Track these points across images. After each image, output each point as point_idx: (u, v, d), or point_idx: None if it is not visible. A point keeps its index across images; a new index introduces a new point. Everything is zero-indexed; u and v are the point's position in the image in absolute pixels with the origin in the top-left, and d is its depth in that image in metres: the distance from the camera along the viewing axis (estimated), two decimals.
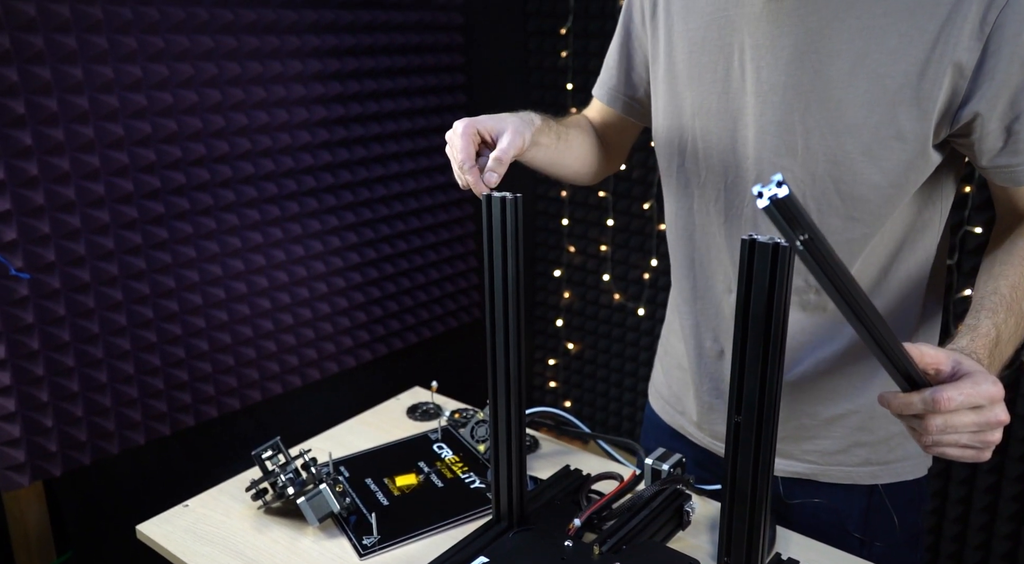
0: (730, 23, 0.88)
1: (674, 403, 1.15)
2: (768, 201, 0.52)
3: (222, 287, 1.80)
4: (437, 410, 1.28)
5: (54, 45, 1.43)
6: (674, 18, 0.96)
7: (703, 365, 1.06)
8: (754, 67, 0.86)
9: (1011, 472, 1.77)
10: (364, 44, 1.98)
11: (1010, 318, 0.78)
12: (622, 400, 2.58)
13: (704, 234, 1.00)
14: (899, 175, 0.83)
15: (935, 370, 0.68)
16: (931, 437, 0.67)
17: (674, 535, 0.93)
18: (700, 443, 1.11)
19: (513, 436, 0.88)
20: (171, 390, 1.75)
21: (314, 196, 1.96)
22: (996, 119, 0.78)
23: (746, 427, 0.67)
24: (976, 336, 0.75)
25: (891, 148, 0.81)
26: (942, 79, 0.77)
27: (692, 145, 0.97)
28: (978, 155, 0.82)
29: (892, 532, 1.00)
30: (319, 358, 2.06)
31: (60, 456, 1.59)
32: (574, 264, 2.56)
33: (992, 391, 0.66)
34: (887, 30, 0.78)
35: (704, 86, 0.93)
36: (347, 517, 0.99)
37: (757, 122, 0.88)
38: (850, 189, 0.85)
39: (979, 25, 0.74)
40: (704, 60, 0.92)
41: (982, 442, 0.67)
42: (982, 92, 0.76)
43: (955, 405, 0.65)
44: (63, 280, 1.52)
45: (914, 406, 0.66)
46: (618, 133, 1.16)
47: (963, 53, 0.75)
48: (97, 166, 1.52)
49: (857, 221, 0.87)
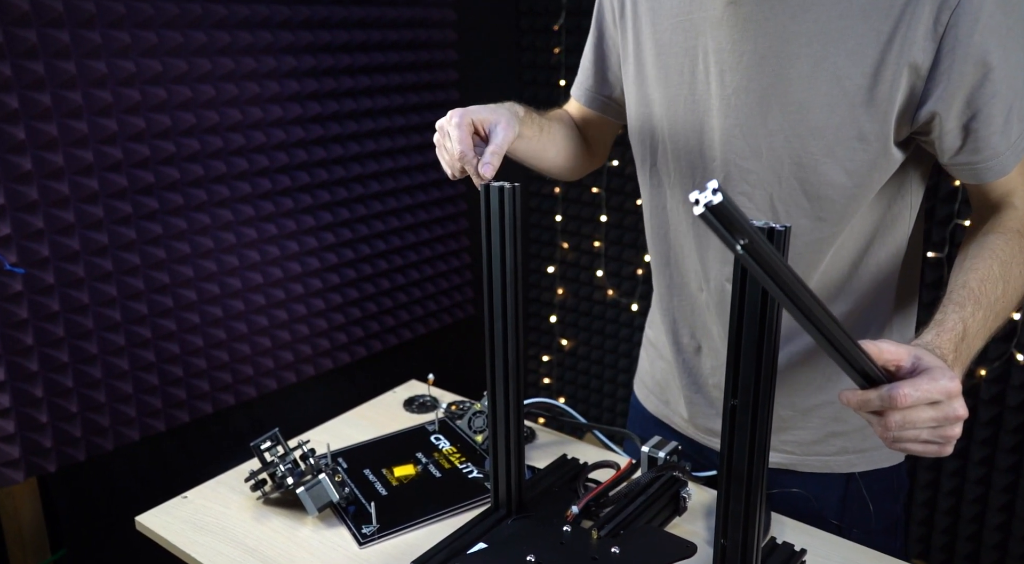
0: (694, 26, 0.89)
1: (658, 393, 1.17)
2: (704, 208, 0.51)
3: (216, 283, 1.80)
4: (434, 402, 1.29)
5: (47, 39, 1.43)
6: (641, 20, 0.97)
7: (682, 359, 1.07)
8: (718, 70, 0.87)
9: (1001, 463, 1.79)
10: (357, 40, 1.98)
11: (978, 312, 0.78)
12: (616, 396, 2.60)
13: (676, 233, 1.01)
14: (863, 175, 0.84)
15: (895, 366, 0.68)
16: (891, 433, 0.67)
17: (670, 521, 0.94)
18: (684, 432, 1.13)
19: (511, 423, 0.89)
20: (165, 386, 1.75)
21: (308, 193, 1.97)
22: (954, 118, 0.79)
23: (742, 410, 0.68)
24: (942, 330, 0.75)
25: (853, 148, 0.82)
26: (899, 80, 0.78)
27: (662, 145, 0.98)
28: (939, 153, 0.83)
29: (868, 519, 1.02)
30: (314, 354, 2.07)
31: (55, 452, 1.58)
32: (568, 260, 2.57)
33: (949, 387, 0.66)
34: (844, 32, 0.79)
35: (671, 88, 0.94)
36: (346, 507, 0.99)
37: (722, 125, 0.89)
38: (816, 190, 0.86)
39: (932, 25, 0.75)
40: (671, 62, 0.93)
41: (942, 437, 0.68)
42: (939, 92, 0.77)
43: (911, 401, 0.65)
44: (57, 275, 1.52)
45: (871, 403, 0.66)
46: (597, 130, 1.17)
47: (918, 54, 0.76)
48: (91, 161, 1.52)
49: (824, 221, 0.88)
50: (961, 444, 1.83)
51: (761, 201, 0.90)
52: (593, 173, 2.41)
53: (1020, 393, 1.74)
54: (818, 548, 0.89)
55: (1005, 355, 1.73)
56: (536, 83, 2.47)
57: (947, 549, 1.94)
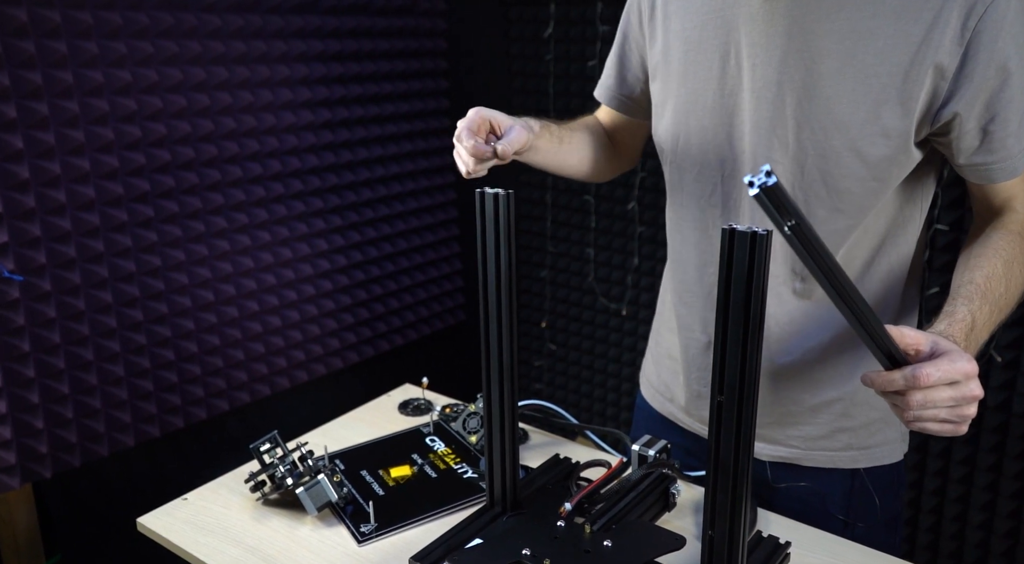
0: (726, 23, 0.93)
1: (663, 391, 1.19)
2: (758, 189, 0.56)
3: (211, 290, 1.82)
4: (428, 405, 1.31)
5: (44, 50, 1.45)
6: (671, 18, 1.00)
7: (692, 355, 1.10)
8: (750, 65, 0.91)
9: (1009, 470, 1.81)
10: (349, 50, 2.01)
11: (984, 305, 0.83)
12: (606, 400, 2.62)
13: (696, 227, 1.04)
14: (883, 169, 0.88)
15: (915, 350, 0.73)
16: (912, 412, 0.72)
17: (661, 516, 0.97)
18: (689, 429, 1.15)
19: (506, 423, 0.92)
20: (161, 392, 1.76)
21: (301, 200, 1.99)
22: (973, 119, 0.83)
23: (728, 407, 0.71)
24: (953, 321, 0.80)
25: (876, 144, 0.86)
26: (924, 80, 0.82)
27: (687, 140, 1.01)
28: (955, 153, 0.87)
29: (873, 514, 1.05)
30: (307, 360, 2.09)
31: (50, 458, 1.59)
32: (557, 266, 2.60)
33: (967, 368, 0.71)
34: (874, 32, 0.83)
35: (700, 83, 0.97)
36: (344, 507, 1.01)
37: (752, 118, 0.92)
38: (836, 182, 0.89)
39: (960, 31, 0.79)
40: (701, 58, 0.96)
41: (959, 416, 0.72)
42: (961, 93, 0.81)
43: (933, 380, 0.70)
44: (54, 282, 1.54)
45: (896, 383, 0.71)
46: (625, 132, 1.21)
47: (944, 56, 0.80)
48: (87, 169, 1.54)
49: (841, 212, 0.91)
50: (945, 443, 1.87)
51: None
52: None
53: (999, 394, 1.78)
54: (803, 542, 0.92)
55: (985, 356, 1.77)
56: (526, 91, 2.50)
57: (955, 557, 1.96)
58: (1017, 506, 1.81)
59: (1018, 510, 1.81)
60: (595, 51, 2.27)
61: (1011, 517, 1.83)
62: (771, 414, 1.04)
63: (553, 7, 2.34)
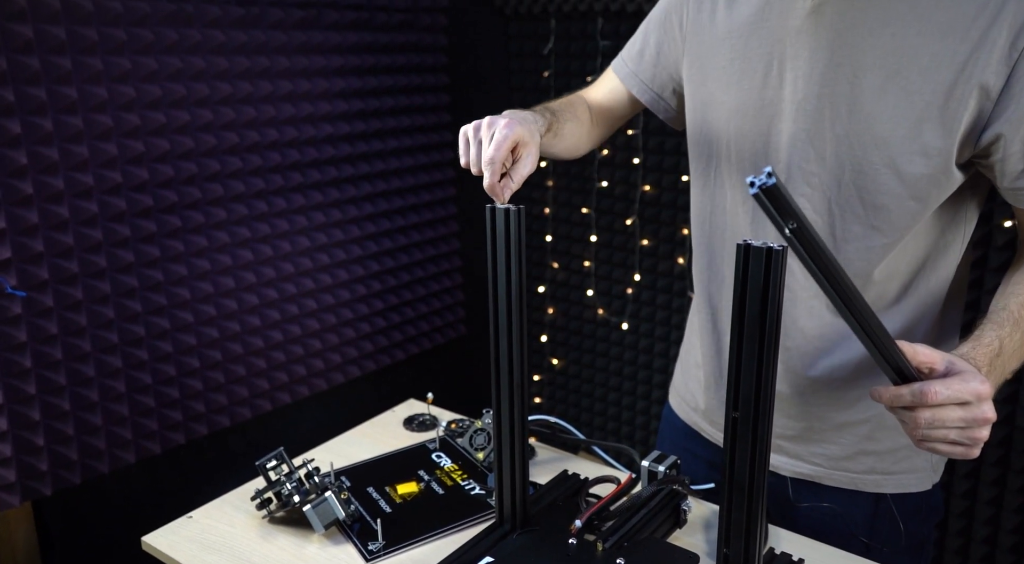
0: (771, 34, 0.93)
1: (689, 400, 1.19)
2: (757, 189, 0.55)
3: (213, 304, 1.81)
4: (433, 421, 1.30)
5: (49, 66, 1.45)
6: (718, 26, 1.00)
7: (719, 363, 1.09)
8: (792, 76, 0.91)
9: (1013, 485, 1.80)
10: (351, 65, 2.02)
11: (1015, 333, 0.81)
12: (607, 415, 2.61)
13: (734, 232, 1.03)
14: (921, 188, 0.87)
15: (928, 368, 0.71)
16: (920, 430, 0.70)
17: (671, 533, 0.96)
18: (712, 439, 1.15)
19: (516, 439, 0.91)
20: (162, 408, 1.75)
21: (303, 214, 1.99)
22: (1019, 141, 0.81)
23: (743, 422, 0.71)
24: (978, 344, 0.78)
25: (915, 162, 0.85)
26: (968, 100, 0.81)
27: (727, 146, 1.01)
28: (999, 176, 0.86)
29: (898, 539, 1.03)
30: (308, 374, 2.08)
31: (50, 475, 1.58)
32: (557, 280, 2.60)
33: (979, 389, 0.69)
34: (919, 50, 0.82)
35: (743, 91, 0.97)
36: (351, 524, 1.01)
37: (791, 128, 0.92)
38: (873, 198, 0.89)
39: (1008, 50, 0.78)
40: (744, 66, 0.96)
41: (970, 438, 0.70)
42: (1007, 115, 0.80)
43: (942, 399, 0.68)
44: (56, 298, 1.53)
45: (903, 398, 0.70)
46: (621, 114, 1.21)
47: (991, 76, 0.79)
48: (91, 184, 1.53)
49: (877, 230, 0.90)
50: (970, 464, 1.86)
51: (819, 204, 0.92)
52: (583, 193, 2.45)
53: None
54: (816, 560, 0.92)
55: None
56: (526, 104, 2.49)
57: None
58: (1020, 521, 1.80)
59: (1021, 525, 1.80)
60: (595, 66, 2.28)
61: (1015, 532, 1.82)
62: (794, 428, 1.03)
63: (553, 23, 2.35)
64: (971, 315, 1.61)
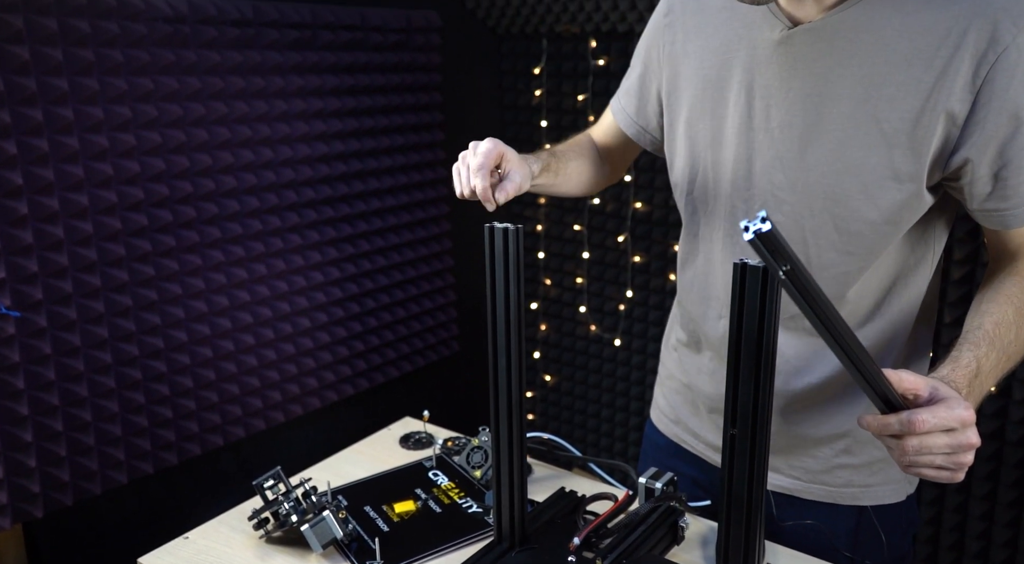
0: (742, 63, 0.95)
1: (669, 413, 1.21)
2: (753, 235, 0.57)
3: (207, 324, 1.81)
4: (430, 439, 1.30)
5: (45, 87, 1.45)
6: (690, 57, 1.02)
7: (702, 379, 1.11)
8: (763, 105, 0.93)
9: (1003, 499, 1.81)
10: (345, 85, 2.03)
11: (991, 352, 0.83)
12: (599, 431, 2.62)
13: (707, 259, 1.06)
14: (894, 213, 0.89)
15: (913, 395, 0.72)
16: (907, 457, 0.71)
17: (669, 550, 0.96)
18: (694, 451, 1.16)
19: (514, 457, 0.91)
20: (155, 428, 1.74)
21: (297, 232, 1.99)
22: (985, 165, 0.84)
23: (741, 439, 0.72)
24: (957, 367, 0.79)
25: (887, 188, 0.87)
26: (936, 126, 0.83)
27: (703, 175, 1.03)
28: (968, 199, 0.88)
29: (880, 552, 1.04)
30: (301, 393, 2.07)
31: (42, 497, 1.57)
32: (550, 297, 2.61)
33: (964, 415, 0.70)
34: (886, 78, 0.84)
35: (716, 121, 0.99)
36: (349, 544, 1.00)
37: (763, 157, 0.94)
38: (846, 225, 0.90)
39: (971, 78, 0.80)
40: (718, 96, 0.98)
41: (955, 463, 0.72)
42: (973, 140, 0.82)
43: (929, 427, 0.69)
44: (49, 318, 1.53)
45: (891, 427, 0.71)
46: (622, 151, 1.24)
47: (956, 103, 0.82)
48: (85, 205, 1.54)
49: (852, 255, 0.92)
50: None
51: (793, 231, 0.94)
52: (574, 211, 2.47)
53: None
54: None
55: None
56: (518, 123, 2.53)
57: None
58: (1012, 535, 1.81)
59: (1014, 539, 1.81)
60: (587, 85, 2.31)
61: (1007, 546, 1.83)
62: (773, 442, 1.04)
63: (545, 42, 2.38)
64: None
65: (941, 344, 1.78)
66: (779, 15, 0.90)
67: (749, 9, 0.93)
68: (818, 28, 0.87)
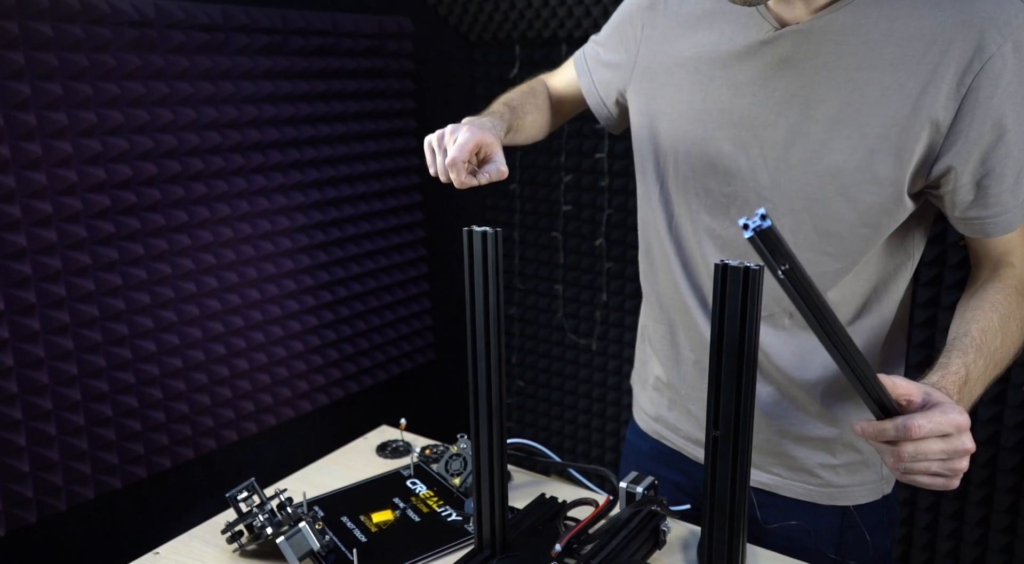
0: (727, 62, 0.94)
1: (650, 410, 1.20)
2: (752, 232, 0.57)
3: (176, 333, 1.77)
4: (407, 447, 1.28)
5: (7, 92, 1.42)
6: (673, 50, 1.00)
7: (679, 373, 1.10)
8: (748, 103, 0.92)
9: (999, 505, 1.83)
10: (317, 90, 2.01)
11: (979, 359, 0.83)
12: (576, 437, 2.61)
13: (689, 251, 1.04)
14: (872, 216, 0.89)
15: (907, 400, 0.72)
16: (903, 464, 0.71)
17: (651, 555, 0.96)
18: (675, 447, 1.16)
19: (495, 464, 0.90)
20: (123, 441, 1.70)
21: (269, 239, 1.96)
22: (968, 173, 0.84)
23: (723, 440, 0.71)
24: (947, 373, 0.80)
25: (867, 191, 0.87)
26: (920, 133, 0.83)
27: (682, 168, 1.01)
28: (950, 207, 0.88)
29: (865, 551, 1.04)
30: (275, 403, 2.04)
31: (4, 515, 1.52)
32: (526, 302, 2.60)
33: (959, 420, 0.70)
34: (871, 84, 0.84)
35: (700, 118, 0.98)
36: (326, 555, 0.98)
37: (747, 155, 0.94)
38: (825, 226, 0.91)
39: (956, 86, 0.80)
40: (702, 94, 0.97)
41: (950, 469, 0.72)
42: (956, 148, 0.83)
43: (924, 432, 0.69)
44: (11, 327, 1.48)
45: (887, 433, 0.71)
46: (574, 106, 1.23)
47: (940, 111, 0.82)
48: (79, 209, 1.50)
49: (830, 256, 0.92)
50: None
51: None
52: (550, 216, 2.47)
53: None
54: None
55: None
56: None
57: None
58: (1008, 541, 1.82)
59: (1010, 545, 1.82)
60: None
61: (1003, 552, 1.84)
62: (755, 438, 1.04)
63: (518, 49, 2.38)
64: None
65: (912, 344, 1.80)
66: (767, 15, 0.90)
67: (737, 8, 0.92)
68: (805, 30, 0.87)
